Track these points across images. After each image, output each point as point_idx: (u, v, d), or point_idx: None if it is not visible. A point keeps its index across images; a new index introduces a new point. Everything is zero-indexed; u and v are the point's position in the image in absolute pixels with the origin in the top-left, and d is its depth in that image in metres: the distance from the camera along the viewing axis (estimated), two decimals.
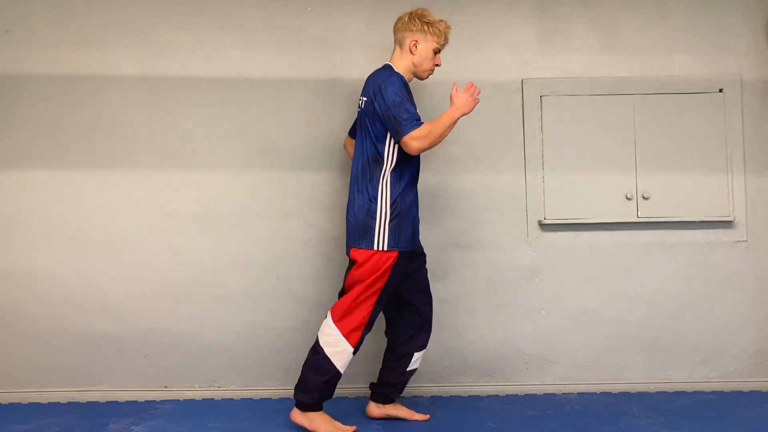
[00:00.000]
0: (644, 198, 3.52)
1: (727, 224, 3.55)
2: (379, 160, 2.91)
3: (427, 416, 3.14)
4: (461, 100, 2.86)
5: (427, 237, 3.53)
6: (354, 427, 2.93)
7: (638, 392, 3.48)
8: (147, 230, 3.50)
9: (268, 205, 3.52)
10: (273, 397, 3.46)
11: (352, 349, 2.89)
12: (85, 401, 3.44)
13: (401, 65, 2.99)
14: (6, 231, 3.49)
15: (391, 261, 2.87)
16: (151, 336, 3.49)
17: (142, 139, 3.52)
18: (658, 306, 3.55)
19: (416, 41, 2.95)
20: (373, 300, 2.88)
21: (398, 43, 3.01)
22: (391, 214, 2.88)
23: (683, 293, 3.55)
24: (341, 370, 2.90)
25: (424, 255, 3.16)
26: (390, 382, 3.12)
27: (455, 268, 3.54)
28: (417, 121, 2.82)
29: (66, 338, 3.47)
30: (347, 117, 3.54)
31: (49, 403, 3.41)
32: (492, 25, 3.60)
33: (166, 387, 3.50)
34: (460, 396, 3.47)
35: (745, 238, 3.56)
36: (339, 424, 2.92)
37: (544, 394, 3.49)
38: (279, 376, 3.51)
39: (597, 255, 3.55)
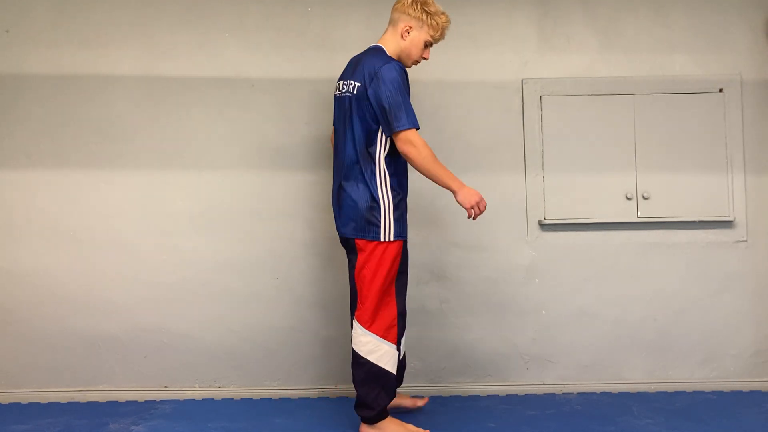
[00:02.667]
0: (644, 198, 3.52)
1: (727, 224, 3.55)
2: (373, 149, 2.80)
3: (426, 399, 3.17)
4: (469, 199, 2.74)
5: (427, 237, 3.54)
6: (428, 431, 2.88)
7: (638, 392, 3.48)
8: (147, 230, 3.50)
9: (268, 205, 3.52)
10: (273, 397, 3.46)
11: (395, 347, 2.83)
12: (85, 401, 3.44)
13: (390, 47, 2.87)
14: (6, 231, 3.49)
15: (397, 250, 2.83)
16: (151, 336, 3.49)
17: (141, 139, 3.52)
18: (658, 306, 3.55)
19: (410, 27, 2.84)
20: (392, 291, 2.85)
21: (392, 23, 2.89)
22: (394, 205, 2.82)
23: (683, 293, 3.55)
24: (393, 371, 2.83)
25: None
26: None
27: (455, 268, 3.54)
28: (416, 124, 2.76)
29: (66, 338, 3.47)
30: None
31: (49, 403, 3.41)
32: (492, 25, 3.61)
33: (166, 387, 3.50)
34: (460, 396, 3.47)
35: (745, 238, 3.56)
36: (412, 427, 2.85)
37: (544, 394, 3.49)
38: (279, 376, 3.51)
39: (597, 255, 3.55)
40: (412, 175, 3.53)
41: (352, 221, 2.81)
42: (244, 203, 3.52)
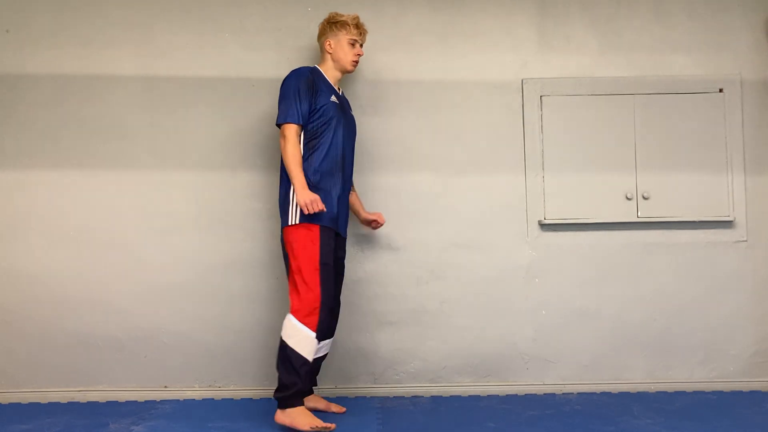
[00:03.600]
0: (644, 198, 3.52)
1: (727, 224, 3.55)
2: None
3: (343, 408, 3.18)
4: (303, 198, 2.88)
5: (427, 237, 3.54)
6: (333, 425, 2.91)
7: (638, 392, 3.48)
8: (147, 230, 3.50)
9: (267, 205, 3.52)
10: (273, 397, 3.46)
11: (314, 335, 2.89)
12: (85, 401, 3.44)
13: (325, 66, 3.18)
14: (6, 231, 3.49)
15: (316, 235, 2.93)
16: (151, 336, 3.49)
17: (142, 139, 3.52)
18: (658, 306, 3.55)
19: (329, 42, 3.16)
20: (315, 278, 2.91)
21: (321, 50, 3.22)
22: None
23: (683, 293, 3.55)
24: (309, 358, 2.90)
25: (345, 251, 3.23)
26: None
27: (455, 268, 3.54)
28: (292, 119, 2.95)
29: (66, 338, 3.47)
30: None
31: (49, 403, 3.41)
32: (492, 25, 3.61)
33: (166, 387, 3.50)
34: (460, 396, 3.47)
35: (745, 238, 3.56)
36: (320, 421, 2.90)
37: (544, 394, 3.49)
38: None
39: (597, 255, 3.55)
40: (419, 177, 3.54)
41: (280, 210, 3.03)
42: (244, 203, 3.52)
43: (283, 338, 2.92)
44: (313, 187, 2.97)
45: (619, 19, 3.61)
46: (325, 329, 2.96)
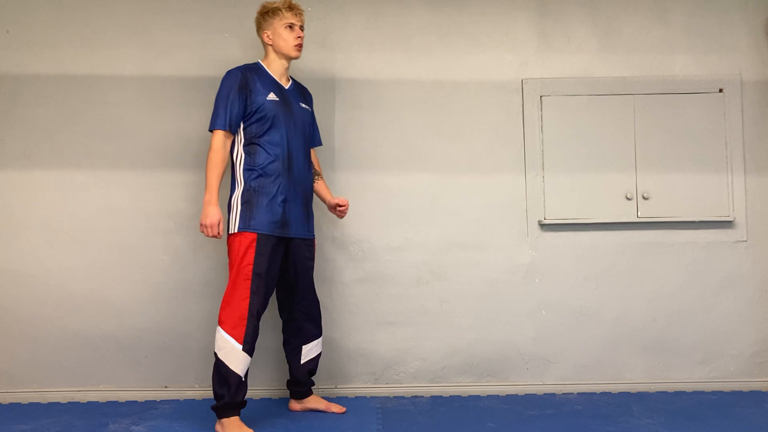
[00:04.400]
0: (644, 198, 3.52)
1: (727, 224, 3.55)
2: (231, 149, 2.99)
3: (344, 408, 3.18)
4: (206, 216, 2.84)
5: (427, 237, 3.54)
6: None
7: (638, 392, 3.48)
8: (147, 230, 3.50)
9: None
10: (273, 397, 3.46)
11: (240, 347, 2.82)
12: (85, 401, 3.44)
13: (268, 59, 3.10)
14: (6, 231, 3.49)
15: (247, 244, 2.86)
16: (151, 336, 3.49)
17: (142, 139, 3.52)
18: (658, 306, 3.55)
19: (266, 33, 3.08)
20: (245, 288, 2.84)
21: (262, 44, 3.15)
22: (241, 197, 2.92)
23: (683, 293, 3.55)
24: (240, 373, 2.83)
25: (309, 252, 3.11)
26: (292, 379, 3.18)
27: (455, 268, 3.54)
28: (221, 125, 2.91)
29: (66, 338, 3.47)
30: (347, 117, 3.55)
31: (49, 403, 3.41)
32: (492, 25, 3.61)
33: (166, 387, 3.50)
34: (460, 396, 3.47)
35: (745, 238, 3.56)
36: (250, 430, 2.84)
37: (544, 394, 3.49)
38: (278, 376, 3.51)
39: (597, 255, 3.55)
40: (419, 177, 3.54)
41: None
42: None
43: (215, 349, 2.86)
44: (254, 191, 2.90)
45: (619, 19, 3.62)
46: (252, 342, 2.86)
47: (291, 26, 3.06)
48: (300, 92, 3.18)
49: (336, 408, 3.18)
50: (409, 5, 3.60)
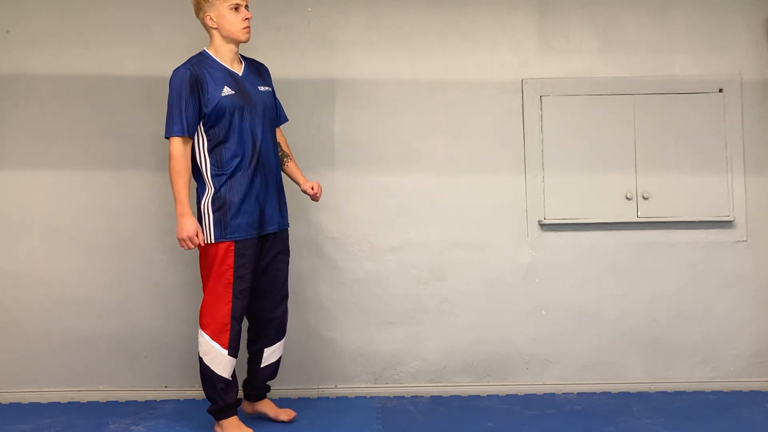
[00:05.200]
0: (644, 198, 3.52)
1: (727, 224, 3.55)
2: (193, 152, 2.86)
3: (293, 414, 3.06)
4: (183, 229, 2.75)
5: (427, 237, 3.54)
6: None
7: (638, 392, 3.48)
8: (147, 230, 3.50)
9: None
10: (273, 397, 3.46)
11: (226, 352, 2.80)
12: (85, 401, 3.44)
13: (214, 45, 2.89)
14: (6, 231, 3.49)
15: (224, 250, 2.78)
16: (151, 336, 3.49)
17: (141, 139, 3.52)
18: (658, 306, 3.55)
19: (209, 16, 2.84)
20: (227, 293, 2.79)
21: (205, 29, 2.92)
22: (212, 204, 2.81)
23: (683, 293, 3.55)
24: (227, 376, 2.82)
25: (282, 244, 3.01)
26: (249, 380, 3.09)
27: (455, 268, 3.54)
28: (178, 132, 2.77)
29: (66, 338, 3.47)
30: (347, 117, 3.54)
31: (49, 403, 3.41)
32: (492, 25, 3.60)
33: (166, 387, 3.50)
34: (460, 396, 3.47)
35: (745, 238, 3.56)
36: (249, 429, 2.85)
37: (544, 394, 3.49)
38: (279, 376, 3.50)
39: (597, 255, 3.55)
40: (419, 177, 3.54)
41: None
42: None
43: (200, 354, 2.83)
44: (225, 196, 2.79)
45: (619, 19, 3.61)
46: (236, 346, 2.84)
47: (236, 7, 2.83)
48: (256, 73, 2.98)
49: (285, 415, 3.05)
50: (409, 5, 3.60)
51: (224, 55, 2.89)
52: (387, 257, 3.54)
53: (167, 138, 2.81)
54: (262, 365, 3.03)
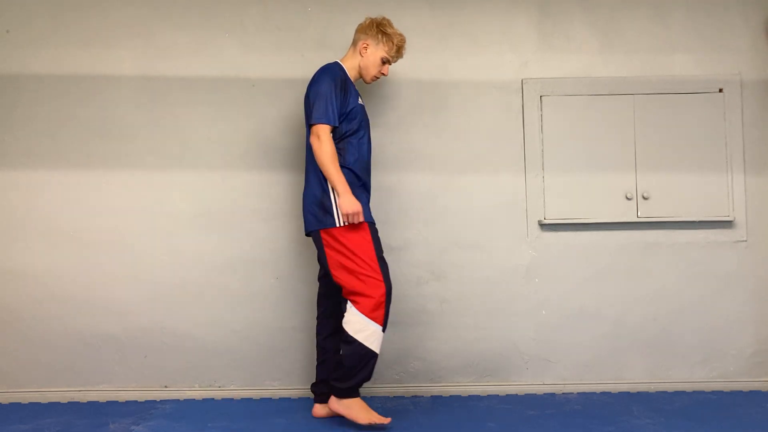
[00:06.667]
0: (644, 198, 3.52)
1: (727, 224, 3.55)
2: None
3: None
4: (348, 206, 2.87)
5: (427, 237, 3.54)
6: (389, 419, 2.94)
7: (638, 392, 3.48)
8: (147, 230, 3.50)
9: (268, 205, 3.52)
10: (273, 397, 3.46)
11: (380, 328, 2.91)
12: (85, 401, 3.44)
13: (349, 63, 3.12)
14: (6, 231, 3.49)
15: (365, 231, 2.94)
16: (151, 336, 3.49)
17: (142, 139, 3.52)
18: (658, 306, 3.55)
19: (367, 45, 3.09)
20: (378, 272, 2.91)
21: (353, 42, 3.15)
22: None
23: (683, 293, 3.55)
24: (377, 351, 2.93)
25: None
26: (319, 380, 3.13)
27: (455, 268, 3.54)
28: (327, 120, 2.91)
29: (66, 338, 3.47)
30: None
31: (49, 403, 3.41)
32: (492, 25, 3.61)
33: (166, 387, 3.50)
34: (460, 396, 3.47)
35: (745, 238, 3.56)
36: (376, 414, 2.93)
37: (544, 394, 3.49)
38: (279, 376, 3.51)
39: (597, 255, 3.55)
40: (419, 177, 3.55)
41: (310, 214, 2.99)
42: (244, 203, 3.52)
43: (351, 333, 2.89)
44: (349, 185, 2.94)
45: (619, 19, 3.62)
46: (387, 320, 2.96)
47: (387, 61, 3.11)
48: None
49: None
50: (410, 5, 3.60)
51: (353, 76, 3.14)
52: (387, 257, 3.53)
53: (315, 123, 2.92)
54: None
